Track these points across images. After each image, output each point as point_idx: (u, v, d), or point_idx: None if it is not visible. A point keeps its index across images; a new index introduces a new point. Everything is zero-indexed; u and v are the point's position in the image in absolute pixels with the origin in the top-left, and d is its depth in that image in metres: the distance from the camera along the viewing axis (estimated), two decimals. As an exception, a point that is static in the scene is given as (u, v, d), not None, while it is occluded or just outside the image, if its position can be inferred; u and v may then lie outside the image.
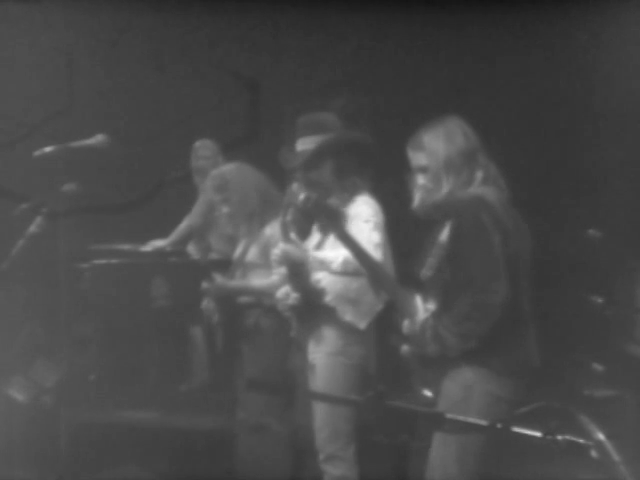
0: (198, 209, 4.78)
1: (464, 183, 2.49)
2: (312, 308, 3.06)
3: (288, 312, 3.14)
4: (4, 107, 4.26)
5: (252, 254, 3.61)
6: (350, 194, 3.03)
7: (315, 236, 3.08)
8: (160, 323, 4.67)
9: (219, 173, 3.67)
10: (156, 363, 4.75)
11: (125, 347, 4.62)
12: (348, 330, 3.05)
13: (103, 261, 4.66)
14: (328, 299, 3.05)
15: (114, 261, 4.67)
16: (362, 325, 3.06)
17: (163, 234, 4.88)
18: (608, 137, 4.09)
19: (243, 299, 3.60)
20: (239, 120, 4.50)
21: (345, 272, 2.88)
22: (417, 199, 2.55)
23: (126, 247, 4.82)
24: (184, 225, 4.81)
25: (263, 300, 3.53)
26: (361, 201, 3.02)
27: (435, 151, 2.51)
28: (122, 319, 4.61)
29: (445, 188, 2.49)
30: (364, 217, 2.96)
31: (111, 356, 4.65)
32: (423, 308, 2.54)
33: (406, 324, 2.56)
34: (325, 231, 2.82)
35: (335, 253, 2.90)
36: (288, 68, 4.68)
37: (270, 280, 3.55)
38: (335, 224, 2.66)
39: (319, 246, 3.04)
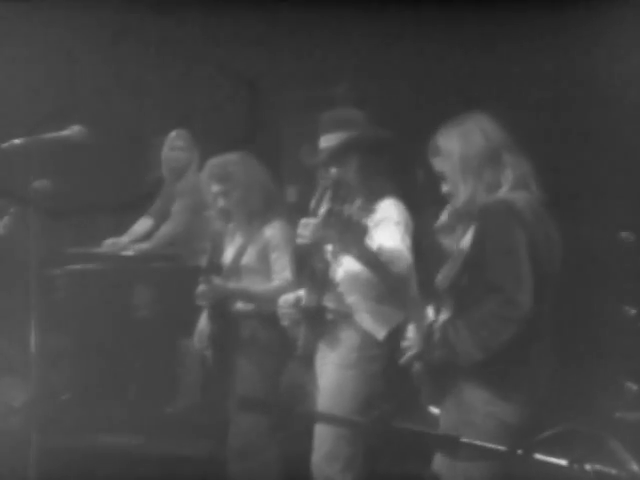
0: (181, 215, 4.80)
1: (489, 186, 2.50)
2: (326, 313, 3.07)
3: (288, 321, 3.13)
4: (4, 107, 4.50)
5: (249, 257, 3.59)
6: (376, 196, 3.06)
7: None
8: (143, 336, 4.66)
9: (221, 162, 3.62)
10: (138, 381, 4.73)
11: (103, 363, 4.61)
12: (364, 341, 3.05)
13: (79, 266, 4.68)
14: (347, 303, 3.06)
15: (91, 266, 4.70)
16: (381, 335, 3.05)
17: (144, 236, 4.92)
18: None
19: (239, 307, 3.58)
20: (238, 120, 4.72)
21: (374, 263, 2.88)
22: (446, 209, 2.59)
23: (104, 251, 4.82)
24: (164, 233, 4.82)
25: (262, 307, 3.51)
26: (389, 203, 3.06)
27: (450, 153, 2.53)
28: (100, 331, 4.60)
29: (464, 193, 2.50)
30: (395, 219, 3.00)
31: (87, 373, 4.63)
32: (434, 315, 2.54)
33: (411, 330, 2.56)
34: (346, 247, 2.84)
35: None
36: (287, 59, 4.81)
37: (272, 285, 3.54)
38: (359, 240, 2.69)
39: None
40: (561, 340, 2.55)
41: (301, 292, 3.18)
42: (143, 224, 4.99)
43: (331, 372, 3.07)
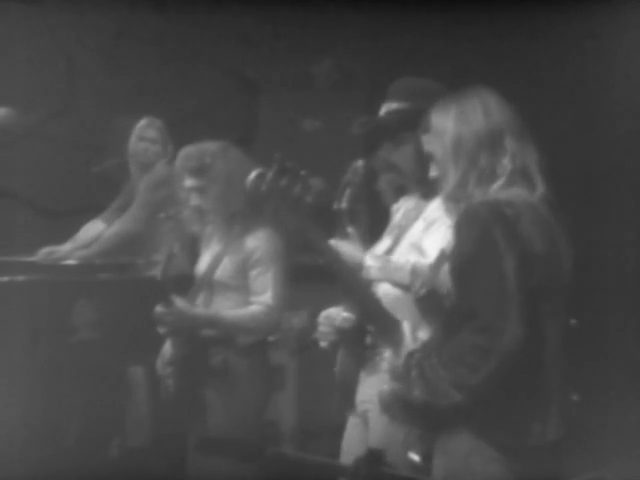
0: (139, 211, 4.78)
1: (481, 174, 2.46)
2: (366, 336, 2.96)
3: (328, 342, 3.02)
4: (4, 107, 4.93)
5: (224, 271, 3.54)
6: (430, 189, 2.93)
7: (385, 240, 3.04)
8: (85, 362, 4.61)
9: (197, 151, 3.59)
10: (78, 418, 4.68)
11: (35, 396, 4.53)
12: None
13: (6, 278, 4.61)
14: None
15: (21, 278, 4.63)
16: None
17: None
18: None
19: (207, 332, 3.53)
20: (239, 120, 5.14)
21: (411, 287, 2.79)
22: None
23: (37, 259, 4.76)
24: (114, 232, 4.83)
25: (237, 338, 3.48)
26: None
27: (442, 132, 2.50)
28: (32, 356, 4.53)
29: (453, 179, 2.47)
30: (449, 221, 2.86)
31: (14, 408, 4.51)
32: (411, 337, 2.51)
33: (389, 357, 2.53)
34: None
35: (402, 259, 2.86)
36: (264, 34, 5.10)
37: (248, 310, 3.50)
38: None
39: (388, 254, 2.98)
40: (578, 367, 2.54)
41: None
42: (92, 229, 4.97)
43: (378, 414, 2.86)
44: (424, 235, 2.90)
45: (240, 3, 4.74)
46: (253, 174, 2.65)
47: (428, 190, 2.93)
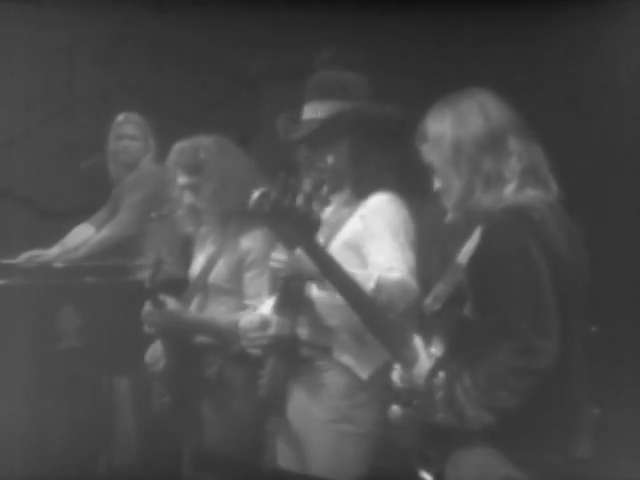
0: (129, 213, 4.74)
1: (488, 180, 2.43)
2: (300, 347, 2.98)
3: (257, 348, 3.03)
4: (4, 107, 5.13)
5: (218, 274, 3.53)
6: (367, 188, 2.99)
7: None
8: (70, 372, 4.57)
9: (191, 146, 3.57)
10: (63, 432, 4.65)
11: (18, 405, 4.51)
12: (351, 384, 2.96)
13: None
14: (326, 330, 2.95)
15: (2, 282, 4.62)
16: (364, 374, 2.97)
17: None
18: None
19: (201, 339, 3.52)
20: (238, 117, 5.13)
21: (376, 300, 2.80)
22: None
23: (20, 262, 4.75)
24: (105, 235, 4.83)
25: (232, 345, 3.43)
26: (382, 200, 2.97)
27: (439, 139, 2.49)
28: (14, 365, 4.49)
29: (457, 188, 2.45)
30: (391, 228, 2.92)
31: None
32: (426, 353, 2.47)
33: (399, 375, 2.50)
34: (290, 246, 2.80)
35: (365, 272, 2.84)
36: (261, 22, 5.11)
37: (242, 314, 3.44)
38: (309, 238, 2.64)
39: None
40: (597, 379, 2.51)
41: (265, 310, 3.08)
42: (81, 233, 4.96)
43: (321, 432, 2.94)
44: (365, 234, 2.90)
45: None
46: (256, 194, 2.65)
47: (363, 188, 2.97)
